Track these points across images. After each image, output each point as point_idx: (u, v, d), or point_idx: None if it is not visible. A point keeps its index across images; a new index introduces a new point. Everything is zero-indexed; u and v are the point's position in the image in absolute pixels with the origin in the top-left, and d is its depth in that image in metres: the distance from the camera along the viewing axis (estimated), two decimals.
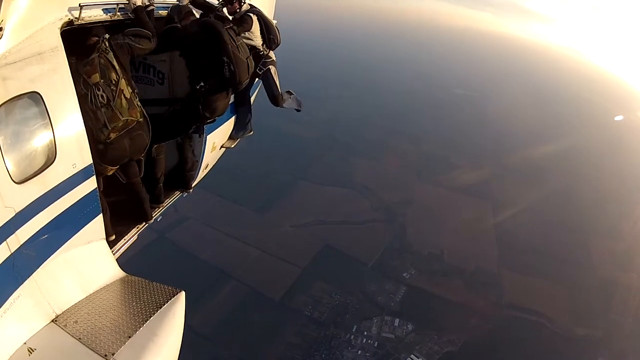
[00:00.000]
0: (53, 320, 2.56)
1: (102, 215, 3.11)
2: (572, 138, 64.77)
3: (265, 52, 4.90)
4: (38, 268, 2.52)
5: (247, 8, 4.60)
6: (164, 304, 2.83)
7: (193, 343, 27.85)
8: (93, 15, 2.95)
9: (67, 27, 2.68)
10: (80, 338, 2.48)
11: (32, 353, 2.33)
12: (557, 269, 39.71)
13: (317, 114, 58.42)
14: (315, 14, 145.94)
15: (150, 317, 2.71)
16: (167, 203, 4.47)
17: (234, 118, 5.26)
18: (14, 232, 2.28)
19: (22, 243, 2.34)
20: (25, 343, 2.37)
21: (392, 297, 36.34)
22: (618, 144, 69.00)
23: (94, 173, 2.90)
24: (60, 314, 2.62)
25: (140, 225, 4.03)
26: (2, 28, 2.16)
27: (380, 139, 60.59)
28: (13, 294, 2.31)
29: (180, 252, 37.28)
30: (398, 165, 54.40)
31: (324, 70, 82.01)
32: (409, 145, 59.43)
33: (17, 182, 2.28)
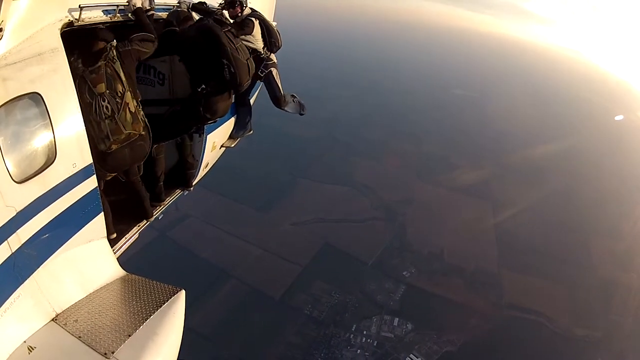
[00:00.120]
0: (53, 319, 2.57)
1: (102, 214, 3.12)
2: (572, 138, 64.63)
3: (267, 55, 4.92)
4: (39, 267, 2.53)
5: (248, 12, 4.62)
6: (164, 303, 2.84)
7: (193, 343, 27.87)
8: (93, 17, 2.95)
9: (67, 28, 2.68)
10: (80, 336, 2.49)
11: (32, 351, 2.34)
12: (557, 269, 39.67)
13: (317, 114, 58.27)
14: (316, 15, 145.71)
15: (150, 315, 2.72)
16: (168, 201, 4.49)
17: (234, 118, 5.28)
18: (15, 231, 2.29)
19: (23, 242, 2.35)
20: (25, 342, 2.38)
21: (391, 296, 36.30)
22: (618, 144, 68.85)
23: (94, 172, 2.91)
24: (61, 313, 2.63)
25: (141, 224, 4.05)
26: (2, 29, 2.16)
27: (381, 139, 60.48)
28: (13, 294, 2.32)
29: (181, 250, 37.30)
30: (398, 165, 54.32)
31: (324, 71, 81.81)
32: (409, 145, 59.31)
33: (17, 181, 2.29)
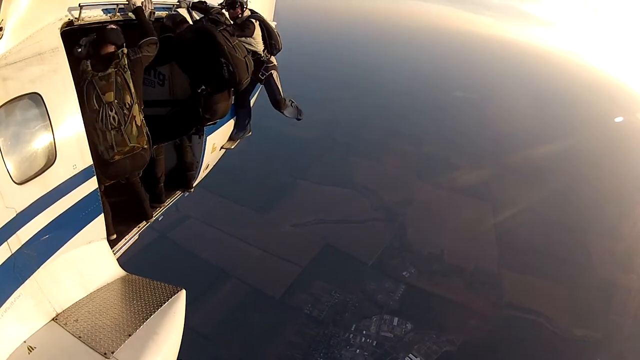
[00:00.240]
0: (53, 319, 2.57)
1: (102, 215, 3.12)
2: (572, 139, 64.60)
3: (267, 57, 4.91)
4: (39, 268, 2.53)
5: (248, 14, 4.61)
6: (165, 303, 2.84)
7: (193, 342, 27.85)
8: (93, 16, 2.94)
9: (67, 27, 2.68)
10: (81, 336, 2.49)
11: (32, 351, 2.34)
12: (557, 269, 39.63)
13: (317, 115, 58.25)
14: (316, 15, 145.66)
15: (151, 315, 2.71)
16: (168, 203, 4.49)
17: (234, 119, 5.28)
18: (15, 232, 2.29)
19: (23, 243, 2.35)
20: (25, 342, 2.37)
21: (391, 295, 36.25)
22: (618, 145, 68.85)
23: (94, 174, 2.91)
24: (61, 313, 2.63)
25: (141, 225, 4.05)
26: (2, 28, 2.16)
27: (381, 140, 60.42)
28: (14, 294, 2.32)
29: (181, 251, 37.26)
30: (398, 166, 54.27)
31: (324, 72, 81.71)
32: (409, 146, 59.24)
33: (17, 182, 2.29)
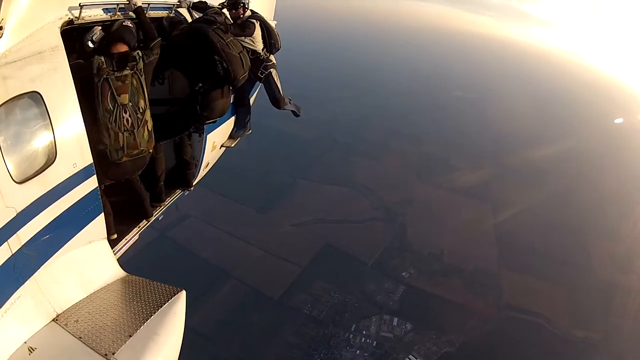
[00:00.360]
0: (54, 320, 2.56)
1: (103, 215, 3.11)
2: (572, 140, 64.66)
3: (266, 56, 4.95)
4: (39, 268, 2.52)
5: (248, 14, 4.65)
6: (165, 303, 2.83)
7: (193, 343, 27.85)
8: (93, 15, 2.94)
9: (67, 26, 2.67)
10: (81, 337, 2.48)
11: (32, 352, 2.33)
12: (556, 271, 39.64)
13: (317, 115, 58.31)
14: (316, 15, 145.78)
15: (151, 316, 2.70)
16: (168, 202, 4.48)
17: (234, 118, 5.30)
18: (15, 232, 2.28)
19: (23, 243, 2.34)
20: (26, 342, 2.36)
21: (391, 296, 36.26)
22: (618, 146, 68.91)
23: (95, 173, 2.89)
24: (61, 313, 2.62)
25: (142, 225, 4.04)
26: (2, 27, 2.15)
27: (381, 140, 60.46)
28: (14, 294, 2.31)
29: (181, 250, 37.27)
30: (398, 166, 54.30)
31: (324, 71, 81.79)
32: (409, 146, 59.28)
33: (17, 182, 2.27)
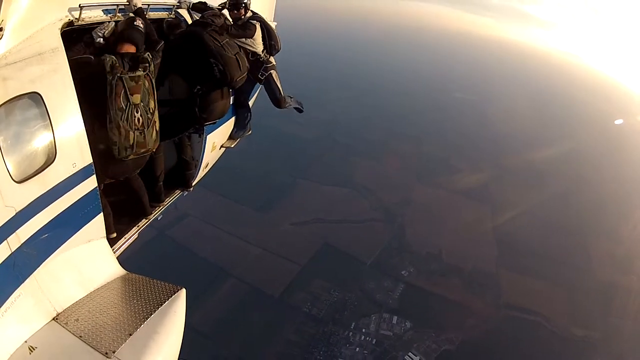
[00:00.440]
0: (54, 319, 2.57)
1: (102, 214, 3.11)
2: (572, 141, 64.66)
3: (266, 57, 4.97)
4: (39, 267, 2.53)
5: (249, 15, 4.68)
6: (165, 302, 2.84)
7: (193, 341, 27.87)
8: (93, 16, 2.96)
9: (67, 27, 2.68)
10: (81, 336, 2.49)
11: (33, 351, 2.34)
12: (556, 271, 39.66)
13: (317, 115, 58.32)
14: (316, 15, 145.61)
15: (151, 314, 2.71)
16: (167, 202, 4.48)
17: (234, 118, 5.30)
18: (15, 231, 2.29)
19: (22, 242, 2.35)
20: (26, 341, 2.37)
21: (390, 294, 36.31)
22: (618, 148, 68.92)
23: (94, 172, 2.90)
24: (61, 312, 2.62)
25: (141, 223, 4.05)
26: (2, 28, 2.16)
27: (381, 140, 60.47)
28: (14, 293, 2.32)
29: (180, 249, 37.28)
30: (398, 167, 54.29)
31: (324, 72, 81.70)
32: (409, 147, 59.28)
33: (17, 181, 2.28)
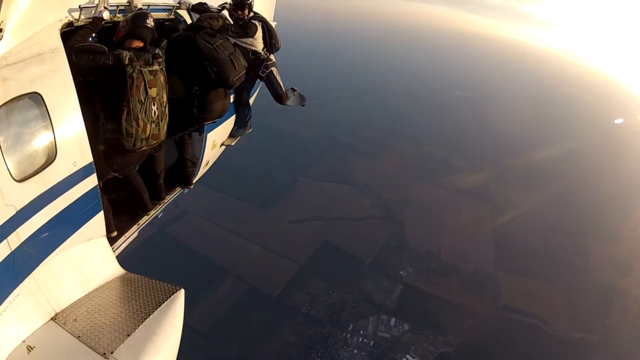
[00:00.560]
0: (52, 318, 2.57)
1: (102, 213, 3.11)
2: (572, 141, 64.73)
3: (266, 55, 5.02)
4: (38, 266, 2.53)
5: (251, 15, 4.73)
6: (164, 302, 2.83)
7: (191, 340, 27.88)
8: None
9: (67, 28, 2.69)
10: (80, 336, 2.48)
11: (31, 351, 2.34)
12: (554, 273, 39.68)
13: (317, 115, 58.38)
14: (316, 15, 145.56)
15: (150, 315, 2.71)
16: (168, 200, 4.48)
17: (234, 117, 5.31)
18: (15, 230, 2.29)
19: (22, 241, 2.35)
20: (25, 341, 2.37)
21: (388, 295, 36.32)
22: (618, 147, 68.98)
23: (95, 171, 2.90)
24: (60, 312, 2.62)
25: (141, 222, 4.05)
26: (2, 29, 2.17)
27: (381, 140, 60.52)
28: (13, 292, 2.32)
29: (180, 246, 37.25)
30: (398, 165, 54.35)
31: (324, 71, 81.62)
32: (409, 146, 59.34)
33: (17, 180, 2.29)
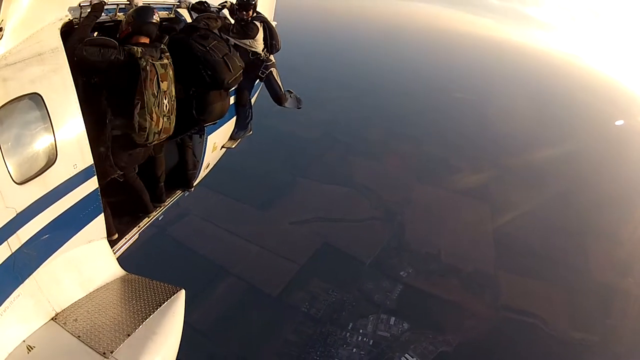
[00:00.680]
0: (53, 318, 2.58)
1: (103, 215, 3.11)
2: (572, 142, 64.67)
3: (266, 56, 5.01)
4: (39, 267, 2.54)
5: (254, 15, 4.71)
6: (164, 303, 2.83)
7: (191, 339, 27.90)
8: None
9: (67, 27, 2.68)
10: (80, 336, 2.49)
11: (31, 351, 2.35)
12: (555, 273, 39.69)
13: (317, 115, 58.32)
14: (316, 15, 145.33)
15: (150, 315, 2.71)
16: (168, 202, 4.48)
17: (235, 119, 5.29)
18: (15, 232, 2.29)
19: (23, 243, 2.36)
20: (25, 341, 2.38)
21: (388, 295, 36.37)
22: (618, 149, 68.92)
23: (95, 173, 2.90)
24: (60, 312, 2.63)
25: (142, 224, 4.04)
26: (2, 28, 2.15)
27: (381, 140, 60.48)
28: (13, 293, 2.33)
29: (180, 247, 37.29)
30: (398, 166, 54.30)
31: (324, 72, 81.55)
32: (409, 147, 59.32)
33: (18, 182, 2.29)
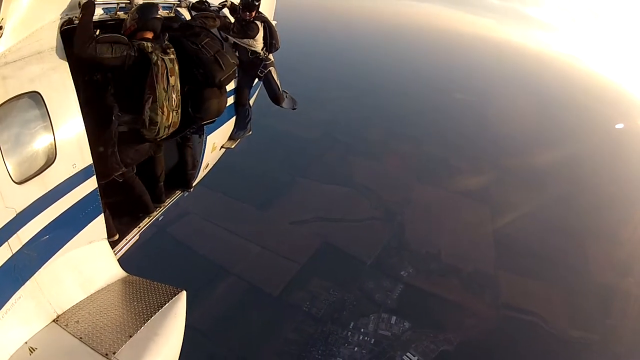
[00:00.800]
0: (54, 320, 2.57)
1: (103, 215, 3.09)
2: (572, 145, 64.86)
3: (265, 55, 5.01)
4: (39, 268, 2.52)
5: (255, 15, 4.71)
6: (165, 304, 2.83)
7: (191, 339, 27.81)
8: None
9: (66, 26, 2.66)
10: (82, 337, 2.48)
11: (33, 352, 2.34)
12: (555, 274, 39.77)
13: (316, 115, 58.40)
14: (316, 15, 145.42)
15: (152, 316, 2.71)
16: (168, 202, 4.47)
17: (234, 119, 5.27)
18: (16, 232, 2.27)
19: (23, 243, 2.34)
20: (27, 343, 2.37)
21: (389, 294, 36.42)
22: (618, 151, 69.03)
23: (95, 173, 2.87)
24: (62, 314, 2.62)
25: (142, 224, 4.03)
26: (2, 27, 2.13)
27: (380, 140, 60.54)
28: (14, 295, 2.31)
29: (180, 246, 37.29)
30: (398, 166, 54.38)
31: (324, 72, 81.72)
32: (409, 147, 59.41)
33: (17, 182, 2.26)
